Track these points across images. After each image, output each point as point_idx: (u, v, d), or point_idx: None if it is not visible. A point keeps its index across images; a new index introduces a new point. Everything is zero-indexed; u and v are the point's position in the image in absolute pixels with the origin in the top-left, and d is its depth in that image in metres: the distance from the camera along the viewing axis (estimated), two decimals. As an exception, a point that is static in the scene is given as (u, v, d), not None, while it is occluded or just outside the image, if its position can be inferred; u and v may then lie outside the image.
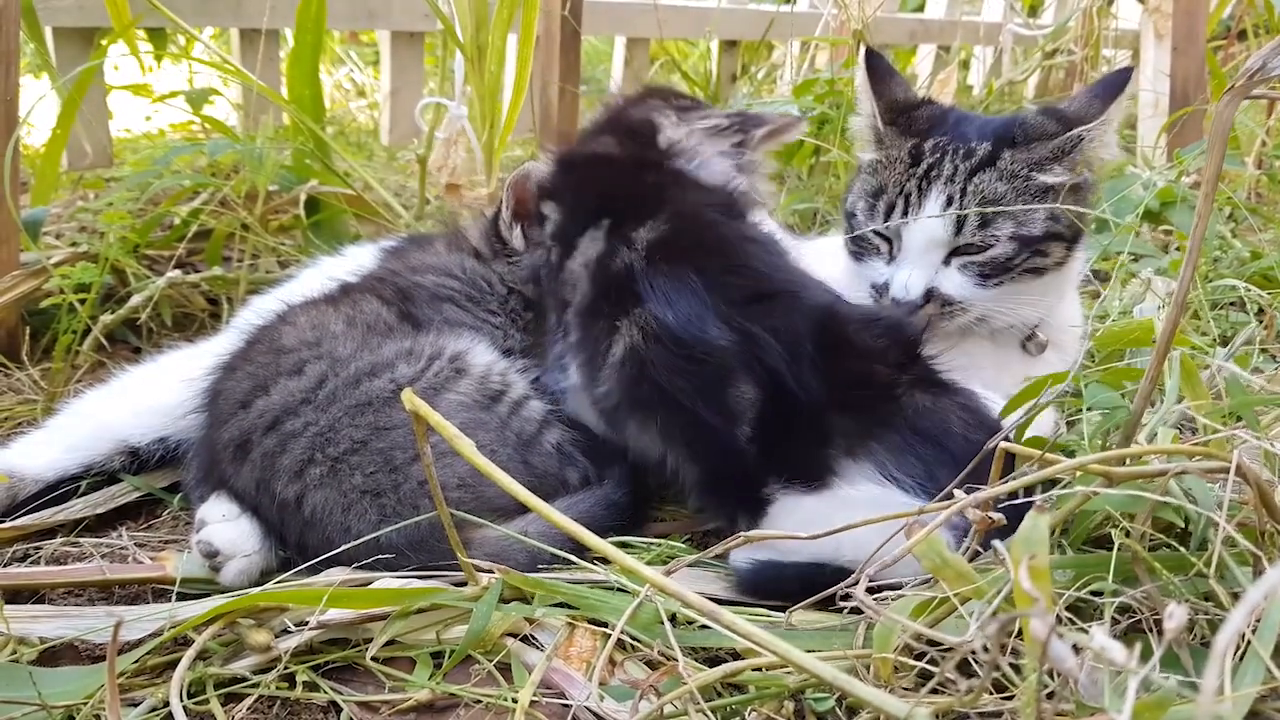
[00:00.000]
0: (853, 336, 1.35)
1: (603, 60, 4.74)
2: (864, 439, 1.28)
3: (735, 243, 1.46)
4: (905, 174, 1.54)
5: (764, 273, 1.41)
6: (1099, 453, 1.13)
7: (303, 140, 2.50)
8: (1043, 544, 0.82)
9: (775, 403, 1.31)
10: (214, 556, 1.29)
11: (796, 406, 1.30)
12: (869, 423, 1.29)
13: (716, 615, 0.92)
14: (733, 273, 1.39)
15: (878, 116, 1.60)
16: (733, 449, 1.32)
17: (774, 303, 1.36)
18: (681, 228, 1.44)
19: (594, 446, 1.47)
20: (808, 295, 1.40)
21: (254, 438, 1.31)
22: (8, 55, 1.92)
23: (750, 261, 1.42)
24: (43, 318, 2.09)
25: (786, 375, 1.30)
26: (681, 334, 1.33)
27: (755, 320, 1.33)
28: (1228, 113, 1.02)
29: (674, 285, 1.35)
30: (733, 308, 1.34)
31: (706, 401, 1.32)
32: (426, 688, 1.09)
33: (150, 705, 1.07)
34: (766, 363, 1.30)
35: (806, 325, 1.33)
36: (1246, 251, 2.30)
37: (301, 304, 1.51)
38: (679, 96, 1.84)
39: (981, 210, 1.48)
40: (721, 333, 1.32)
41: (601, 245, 1.45)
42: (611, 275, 1.42)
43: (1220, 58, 3.73)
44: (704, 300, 1.34)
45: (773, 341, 1.31)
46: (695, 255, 1.39)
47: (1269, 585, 0.65)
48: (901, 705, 0.81)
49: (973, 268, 1.51)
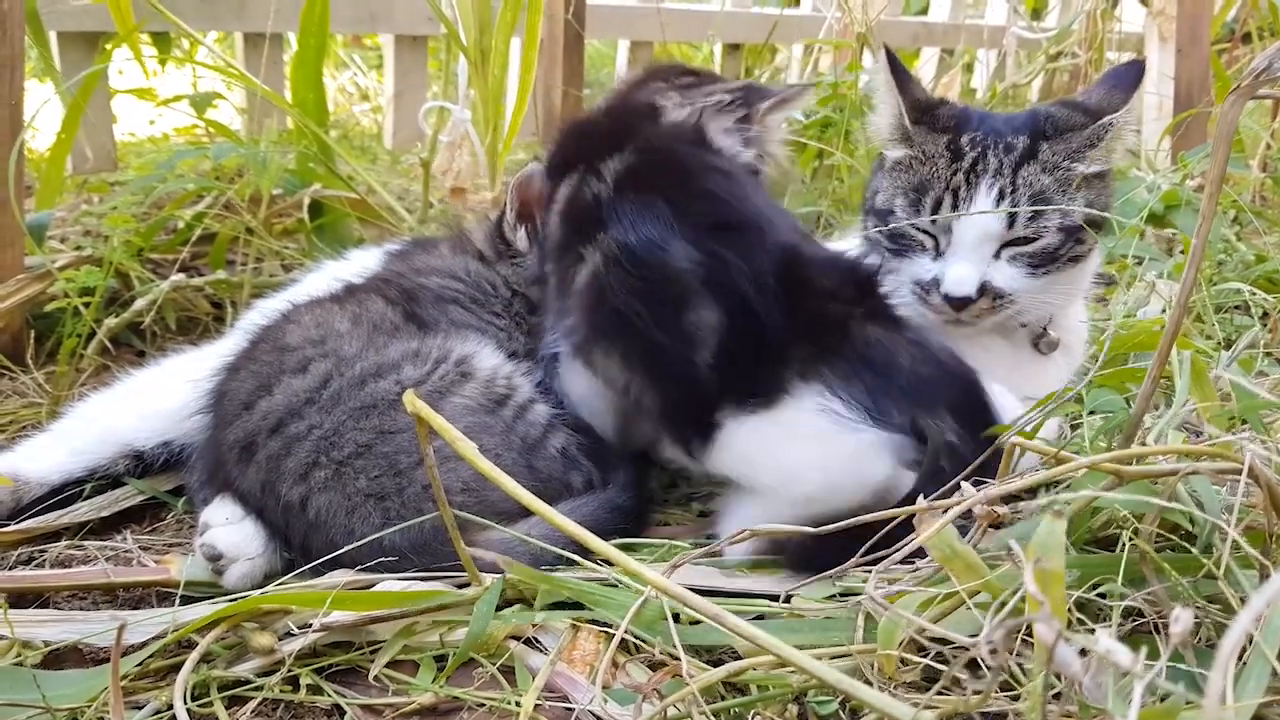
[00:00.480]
0: (813, 275, 1.36)
1: (606, 64, 4.74)
2: (816, 363, 1.30)
3: (704, 173, 1.45)
4: (949, 169, 1.54)
5: (732, 204, 1.41)
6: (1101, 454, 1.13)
7: (306, 144, 2.50)
8: (1058, 549, 0.82)
9: (737, 329, 1.31)
10: (218, 560, 1.29)
11: (759, 334, 1.31)
12: (822, 349, 1.31)
13: (720, 618, 0.92)
14: (702, 199, 1.39)
15: (904, 114, 1.60)
16: (691, 375, 1.33)
17: (741, 234, 1.37)
18: (650, 158, 1.45)
19: (599, 450, 1.47)
20: (774, 230, 1.41)
21: (259, 440, 1.31)
22: (12, 60, 1.93)
23: (719, 191, 1.42)
24: (47, 321, 2.09)
25: (753, 300, 1.30)
26: (642, 256, 1.34)
27: (723, 246, 1.34)
28: (1233, 113, 1.02)
29: (639, 210, 1.36)
30: (700, 233, 1.35)
31: (664, 325, 1.33)
32: (430, 691, 1.09)
33: (154, 708, 1.07)
34: (732, 287, 1.31)
35: (771, 258, 1.34)
36: (1251, 255, 2.30)
37: (306, 303, 1.51)
38: (681, 73, 1.82)
39: (1036, 209, 1.50)
40: (685, 254, 1.33)
41: (574, 185, 1.48)
42: (580, 208, 1.43)
43: (1224, 60, 3.72)
44: (669, 224, 1.35)
45: (742, 265, 1.32)
46: (663, 182, 1.40)
47: (1273, 592, 0.64)
48: (906, 709, 0.80)
49: (1023, 259, 1.51)
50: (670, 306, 1.32)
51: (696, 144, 1.54)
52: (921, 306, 1.55)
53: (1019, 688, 1.00)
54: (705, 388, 1.32)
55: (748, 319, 1.30)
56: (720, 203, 1.40)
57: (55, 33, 2.56)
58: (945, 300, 1.51)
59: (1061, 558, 0.82)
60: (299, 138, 2.54)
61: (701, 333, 1.31)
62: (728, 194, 1.42)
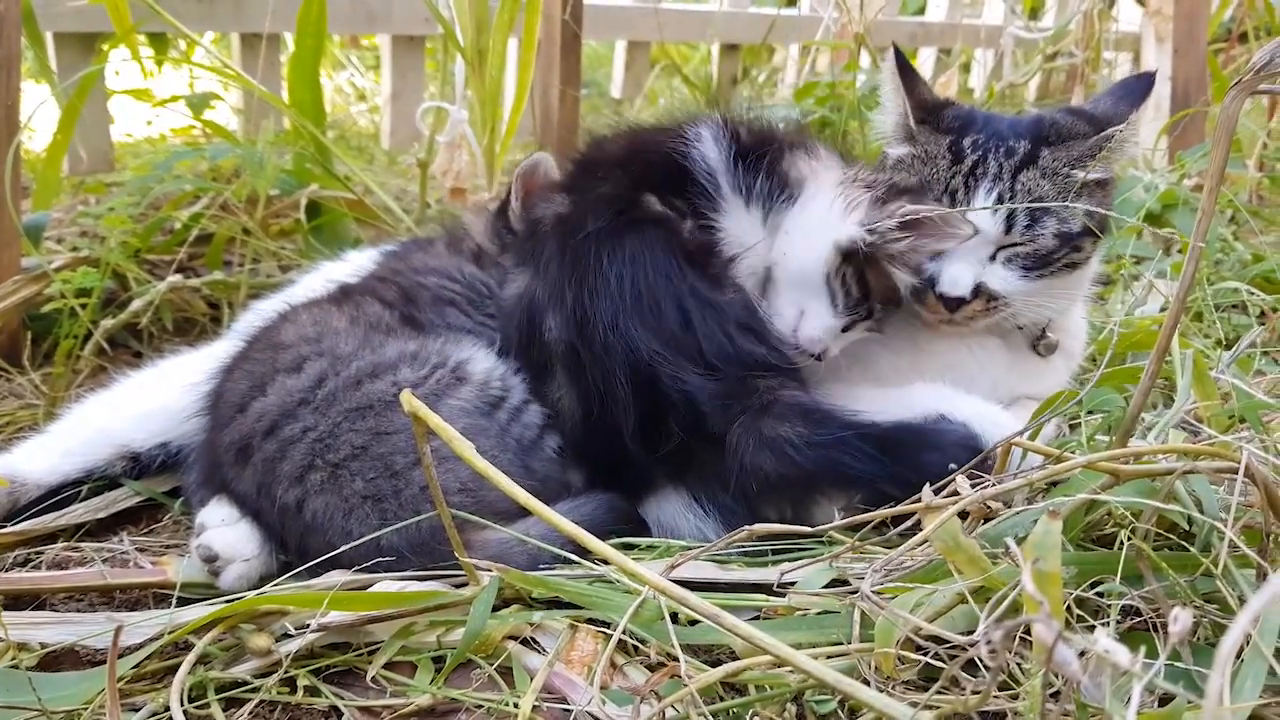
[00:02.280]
0: (671, 402, 1.35)
1: (603, 64, 4.74)
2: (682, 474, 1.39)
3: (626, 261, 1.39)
4: (949, 171, 1.54)
5: (624, 301, 1.37)
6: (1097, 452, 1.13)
7: (303, 144, 2.50)
8: (1055, 549, 0.82)
9: (591, 422, 1.38)
10: (213, 561, 1.28)
11: (615, 432, 1.37)
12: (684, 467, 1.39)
13: (718, 618, 0.91)
14: (602, 286, 1.38)
15: (909, 114, 1.60)
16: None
17: (609, 332, 1.36)
18: (644, 229, 1.42)
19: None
20: (643, 341, 1.36)
21: (254, 442, 1.31)
22: (9, 61, 1.92)
23: (624, 286, 1.38)
24: (44, 322, 2.09)
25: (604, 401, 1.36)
26: (529, 307, 1.43)
27: (596, 340, 1.36)
28: (1233, 108, 1.02)
29: (560, 260, 1.40)
30: (573, 315, 1.37)
31: (538, 378, 1.43)
32: (428, 692, 1.09)
33: (151, 710, 1.07)
34: (590, 380, 1.36)
35: (626, 368, 1.35)
36: (1248, 254, 2.30)
37: (303, 303, 1.51)
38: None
39: (1031, 206, 1.50)
40: (558, 327, 1.38)
41: (560, 205, 1.49)
42: (564, 226, 1.44)
43: (1221, 60, 3.73)
44: (562, 288, 1.38)
45: (603, 363, 1.35)
46: (639, 251, 1.38)
47: (1271, 594, 0.64)
48: (905, 709, 0.80)
49: (1017, 260, 1.52)
50: (542, 367, 1.42)
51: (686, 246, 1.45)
52: (916, 306, 1.55)
53: (1017, 687, 1.00)
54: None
55: (601, 416, 1.37)
56: (608, 299, 1.37)
57: (51, 33, 2.56)
58: (940, 300, 1.51)
59: (1058, 557, 0.82)
60: (296, 138, 2.54)
61: (561, 405, 1.41)
62: (637, 291, 1.37)
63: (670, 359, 1.34)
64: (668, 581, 0.99)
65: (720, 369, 1.33)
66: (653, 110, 3.74)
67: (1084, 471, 1.12)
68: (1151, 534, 1.10)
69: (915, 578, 1.13)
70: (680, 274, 1.37)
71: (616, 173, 1.48)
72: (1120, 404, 1.33)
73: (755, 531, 1.13)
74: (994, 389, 1.59)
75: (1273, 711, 0.93)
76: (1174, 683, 0.92)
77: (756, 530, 1.13)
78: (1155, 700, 0.97)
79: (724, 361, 1.33)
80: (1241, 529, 1.06)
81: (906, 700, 0.97)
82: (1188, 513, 1.06)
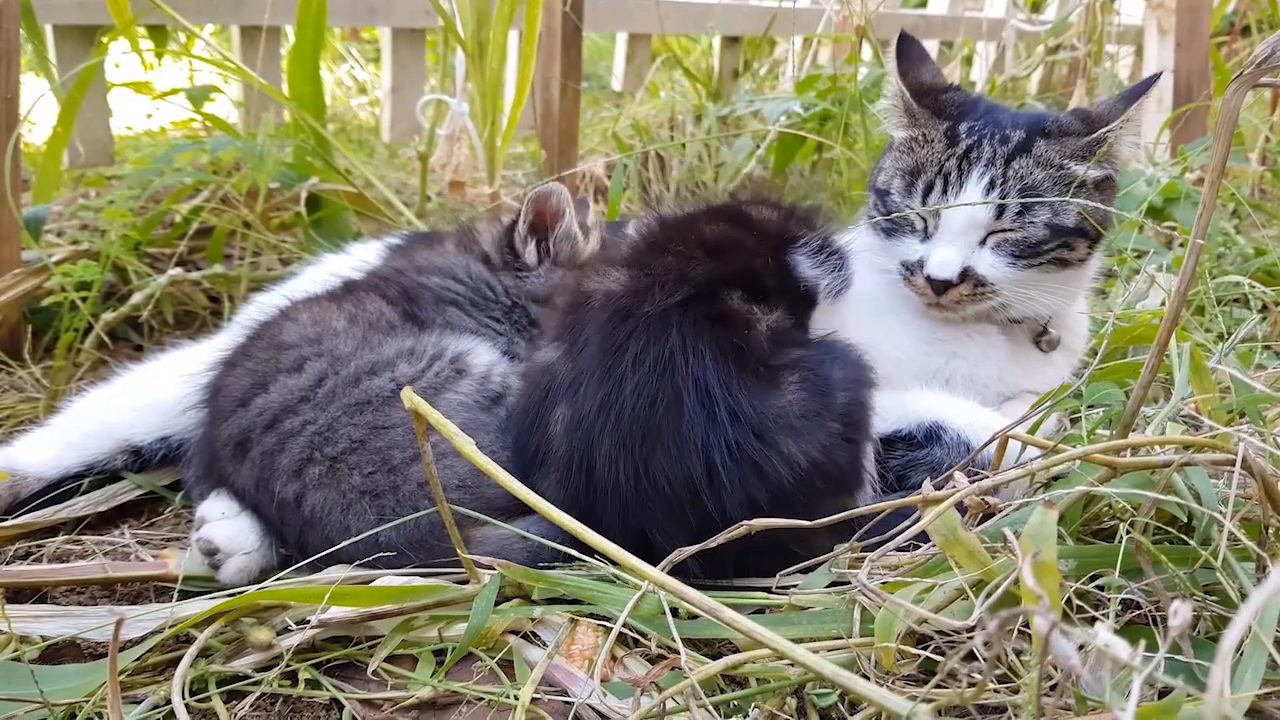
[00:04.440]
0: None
1: (604, 57, 4.74)
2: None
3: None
4: (944, 153, 1.55)
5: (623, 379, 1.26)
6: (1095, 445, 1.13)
7: (304, 137, 2.50)
8: (1050, 540, 0.82)
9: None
10: (213, 554, 1.29)
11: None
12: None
13: (717, 611, 0.92)
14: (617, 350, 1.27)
15: (905, 94, 1.62)
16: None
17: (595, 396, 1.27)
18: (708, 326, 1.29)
19: None
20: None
21: (253, 436, 1.31)
22: (8, 53, 1.92)
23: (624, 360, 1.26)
24: (44, 316, 2.09)
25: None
26: (550, 382, 1.32)
27: (596, 466, 1.25)
28: (1235, 101, 1.02)
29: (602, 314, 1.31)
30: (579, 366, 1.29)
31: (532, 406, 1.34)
32: (429, 685, 1.09)
33: (152, 703, 1.07)
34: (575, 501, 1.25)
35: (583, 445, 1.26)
36: (1250, 248, 2.30)
37: (305, 300, 1.51)
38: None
39: (1024, 200, 1.50)
40: (564, 424, 1.28)
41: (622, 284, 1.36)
42: (613, 307, 1.32)
43: (1223, 53, 3.72)
44: (578, 332, 1.31)
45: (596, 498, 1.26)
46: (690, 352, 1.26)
47: (1273, 588, 0.64)
48: (903, 703, 0.80)
49: (1006, 247, 1.52)
50: (535, 452, 1.32)
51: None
52: (906, 287, 1.57)
53: (1017, 680, 1.00)
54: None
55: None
56: (628, 418, 1.24)
57: (51, 26, 2.56)
58: (927, 282, 1.52)
59: (1054, 548, 0.82)
60: (296, 131, 2.54)
61: (552, 428, 1.30)
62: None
63: (669, 530, 1.22)
64: (667, 576, 0.99)
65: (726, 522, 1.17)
66: (654, 103, 3.73)
67: (1083, 465, 1.12)
68: (1150, 527, 1.10)
69: (915, 573, 1.13)
70: (732, 388, 1.23)
71: (697, 254, 1.37)
72: (1121, 398, 1.33)
73: (754, 527, 1.13)
74: (998, 380, 1.60)
75: (1272, 704, 0.93)
76: (1174, 676, 0.92)
77: (755, 525, 1.13)
78: (1155, 694, 0.97)
79: (743, 513, 1.17)
80: (1240, 521, 1.06)
81: (905, 694, 0.97)
82: (1186, 505, 1.06)
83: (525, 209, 1.60)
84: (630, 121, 3.33)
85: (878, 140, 2.60)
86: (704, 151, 3.23)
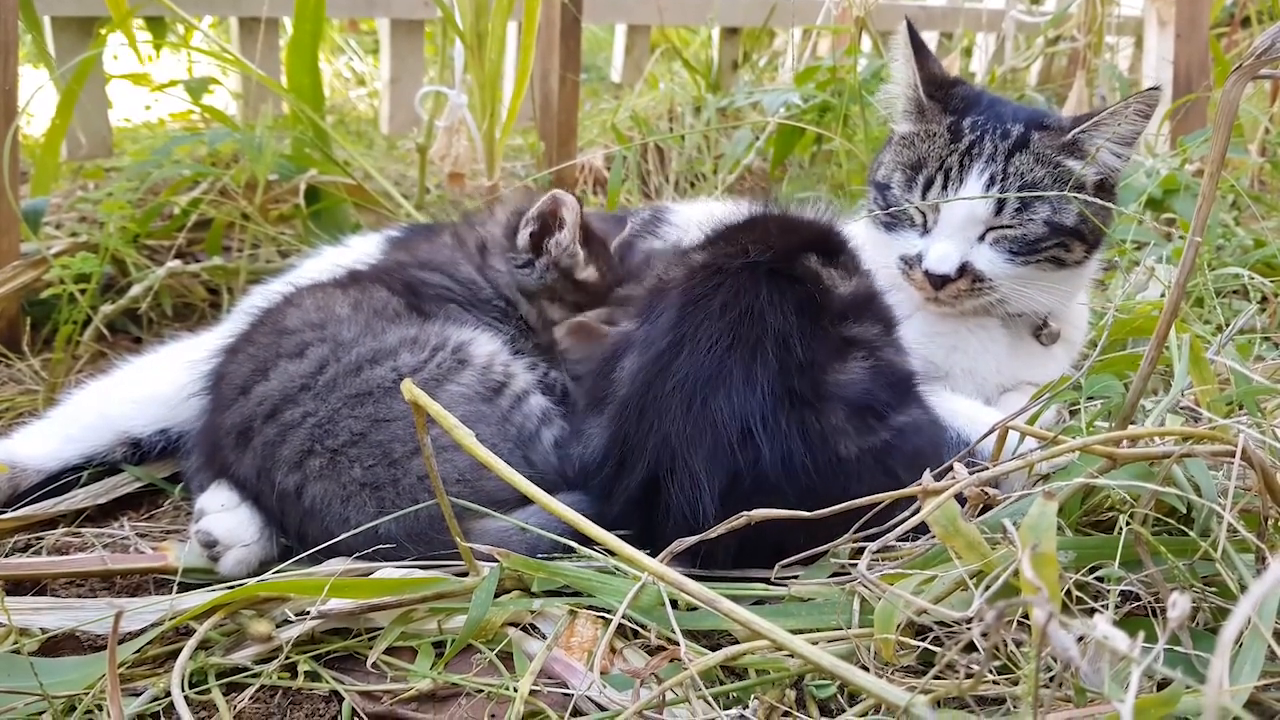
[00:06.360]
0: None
1: (603, 48, 4.72)
2: None
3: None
4: (946, 149, 1.56)
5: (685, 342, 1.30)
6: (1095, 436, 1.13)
7: (302, 129, 2.49)
8: (1050, 532, 0.82)
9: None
10: (212, 546, 1.29)
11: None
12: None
13: (715, 602, 0.92)
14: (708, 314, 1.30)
15: (919, 88, 1.62)
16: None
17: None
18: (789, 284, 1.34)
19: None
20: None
21: (255, 425, 1.31)
22: (6, 45, 1.91)
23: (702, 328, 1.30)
24: (43, 308, 2.09)
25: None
26: (624, 338, 1.36)
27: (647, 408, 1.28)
28: (1235, 92, 1.02)
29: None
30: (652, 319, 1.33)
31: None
32: (428, 677, 1.09)
33: (152, 695, 1.07)
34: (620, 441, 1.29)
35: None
36: (1250, 239, 2.29)
37: (309, 286, 1.50)
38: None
39: (1024, 195, 1.51)
40: (630, 371, 1.32)
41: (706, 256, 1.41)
42: (697, 276, 1.36)
43: (1224, 44, 3.71)
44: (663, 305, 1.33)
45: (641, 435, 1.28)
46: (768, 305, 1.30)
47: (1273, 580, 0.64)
48: (901, 694, 0.80)
49: (1004, 243, 1.53)
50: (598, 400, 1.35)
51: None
52: (904, 281, 1.57)
53: (1016, 671, 1.00)
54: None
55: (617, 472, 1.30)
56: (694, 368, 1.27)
57: (49, 18, 2.55)
58: (926, 276, 1.52)
59: (1054, 538, 0.82)
60: (295, 123, 2.53)
61: (618, 374, 1.33)
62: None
63: (701, 473, 1.23)
64: (666, 568, 0.99)
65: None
66: (653, 95, 3.72)
67: (1082, 456, 1.12)
68: (1150, 518, 1.10)
69: (914, 564, 1.13)
70: (807, 343, 1.27)
71: (773, 231, 1.44)
72: (1120, 390, 1.33)
73: (753, 517, 1.13)
74: (998, 373, 1.61)
75: (1271, 696, 0.93)
76: (1172, 667, 0.93)
77: (755, 516, 1.13)
78: (1154, 685, 0.98)
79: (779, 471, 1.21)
80: (1239, 513, 1.06)
81: (905, 685, 0.97)
82: (1186, 497, 1.06)
83: (544, 200, 1.57)
84: (629, 113, 3.33)
85: (877, 132, 2.59)
86: (703, 143, 3.22)
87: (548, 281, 1.57)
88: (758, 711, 1.00)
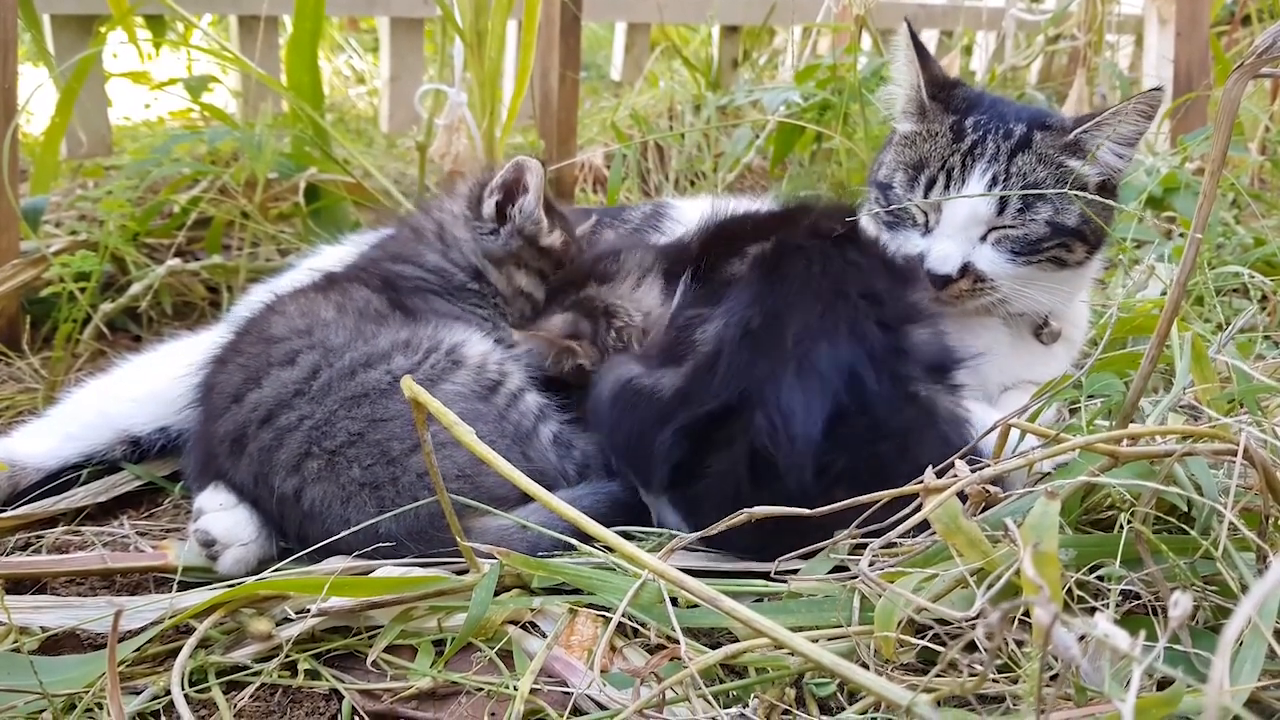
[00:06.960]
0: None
1: (603, 46, 4.72)
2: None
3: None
4: (948, 149, 1.56)
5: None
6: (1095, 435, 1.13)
7: (302, 127, 2.49)
8: (1052, 530, 0.82)
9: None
10: (211, 545, 1.28)
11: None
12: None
13: (716, 600, 0.92)
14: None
15: (923, 89, 1.62)
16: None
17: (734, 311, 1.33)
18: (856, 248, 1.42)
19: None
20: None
21: (249, 432, 1.31)
22: (5, 43, 1.91)
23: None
24: (43, 306, 2.09)
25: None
26: (696, 316, 1.37)
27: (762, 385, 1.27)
28: (1236, 91, 1.01)
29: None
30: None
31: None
32: (428, 676, 1.09)
33: (152, 693, 1.07)
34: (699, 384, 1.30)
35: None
36: (1250, 238, 2.29)
37: (289, 293, 1.49)
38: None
39: (1026, 193, 1.51)
40: (714, 333, 1.33)
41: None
42: (771, 257, 1.40)
43: (1224, 43, 3.70)
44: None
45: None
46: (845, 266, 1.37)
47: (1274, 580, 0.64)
48: (903, 693, 0.80)
49: (1006, 243, 1.53)
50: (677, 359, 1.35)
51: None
52: None
53: (1017, 670, 1.00)
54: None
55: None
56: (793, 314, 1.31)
57: (48, 16, 2.55)
58: (927, 276, 1.52)
59: (1055, 538, 0.82)
60: (294, 121, 2.53)
61: (699, 336, 1.34)
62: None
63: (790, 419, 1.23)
64: (666, 565, 0.99)
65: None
66: (653, 93, 3.72)
67: (1083, 454, 1.12)
68: (1151, 517, 1.10)
69: (915, 562, 1.13)
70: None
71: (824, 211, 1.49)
72: (1120, 389, 1.33)
73: (754, 515, 1.13)
74: (999, 371, 1.61)
75: (1271, 695, 0.93)
76: (1173, 666, 0.93)
77: (755, 514, 1.13)
78: (1154, 684, 0.97)
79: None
80: (1240, 511, 1.06)
81: (905, 683, 0.97)
82: (1187, 495, 1.06)
83: (506, 168, 1.56)
84: (629, 111, 3.33)
85: (877, 131, 2.59)
86: (703, 141, 3.22)
87: (513, 248, 1.57)
88: (758, 710, 1.00)
